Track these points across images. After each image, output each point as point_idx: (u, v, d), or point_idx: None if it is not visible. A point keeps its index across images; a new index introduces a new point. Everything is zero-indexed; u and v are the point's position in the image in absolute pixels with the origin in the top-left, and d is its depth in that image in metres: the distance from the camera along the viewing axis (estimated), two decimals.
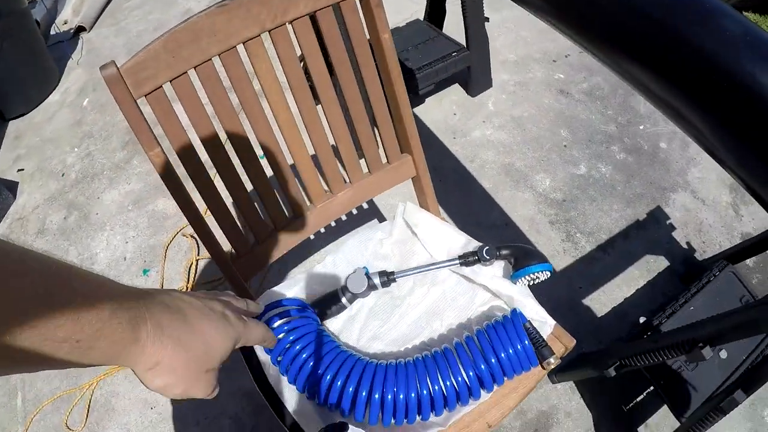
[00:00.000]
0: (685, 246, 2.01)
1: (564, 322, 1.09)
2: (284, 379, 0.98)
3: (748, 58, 0.70)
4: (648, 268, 1.94)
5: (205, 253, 2.01)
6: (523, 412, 1.62)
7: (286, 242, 1.10)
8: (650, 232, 2.05)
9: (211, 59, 0.84)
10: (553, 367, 0.99)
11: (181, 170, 0.88)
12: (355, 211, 1.98)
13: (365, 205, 2.03)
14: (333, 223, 1.89)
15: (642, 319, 1.64)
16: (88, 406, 1.74)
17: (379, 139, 1.14)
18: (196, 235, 2.01)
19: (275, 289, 1.10)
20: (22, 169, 2.63)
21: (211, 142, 0.90)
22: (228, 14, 0.82)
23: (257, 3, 0.84)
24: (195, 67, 0.83)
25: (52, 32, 3.40)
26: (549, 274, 1.05)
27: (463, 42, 2.33)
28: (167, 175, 0.86)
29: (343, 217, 1.94)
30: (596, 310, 1.82)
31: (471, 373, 0.90)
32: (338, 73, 1.01)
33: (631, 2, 0.78)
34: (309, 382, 0.92)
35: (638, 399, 1.65)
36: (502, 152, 2.32)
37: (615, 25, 0.82)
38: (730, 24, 0.70)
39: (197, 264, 1.98)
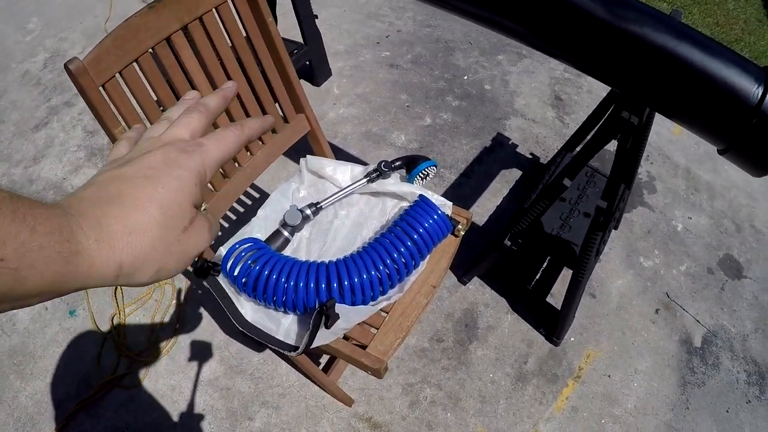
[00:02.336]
0: (530, 156, 2.41)
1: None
2: (252, 305, 1.19)
3: None
4: (506, 179, 2.31)
5: None
6: (451, 315, 1.91)
7: (226, 200, 1.31)
8: (498, 153, 2.43)
9: (147, 51, 1.04)
10: (463, 233, 1.29)
11: None
12: (266, 187, 2.20)
13: (271, 180, 2.24)
14: (249, 201, 2.09)
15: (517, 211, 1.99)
16: None
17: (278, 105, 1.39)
18: None
19: (226, 243, 1.29)
20: None
21: (156, 118, 1.10)
22: (156, 13, 1.03)
23: (175, 2, 1.05)
24: (137, 59, 1.03)
25: None
26: (435, 168, 1.35)
27: (300, 40, 2.59)
28: None
29: (254, 200, 2.14)
30: (477, 222, 2.17)
31: (409, 244, 1.15)
32: (241, 56, 1.25)
33: None
34: (286, 293, 1.12)
35: (537, 277, 2.00)
36: (358, 124, 2.62)
37: None
38: None
39: (122, 289, 2.07)
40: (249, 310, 1.19)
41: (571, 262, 1.73)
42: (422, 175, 1.34)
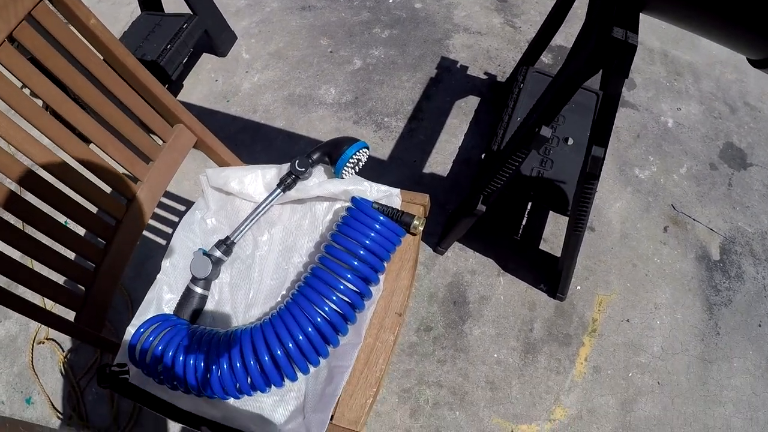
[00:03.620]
0: (485, 76, 2.08)
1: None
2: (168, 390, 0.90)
3: None
4: (463, 111, 1.99)
5: (69, 347, 1.79)
6: (434, 295, 1.63)
7: (115, 272, 0.98)
8: (447, 82, 2.10)
9: None
10: (421, 228, 0.98)
11: None
12: (167, 214, 1.85)
13: (171, 202, 1.90)
14: (152, 232, 1.78)
15: (483, 155, 1.67)
16: None
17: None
18: (51, 337, 1.81)
19: (134, 321, 0.98)
20: None
21: None
22: None
23: None
24: None
25: None
26: (366, 150, 1.02)
27: (189, 11, 2.20)
28: None
29: (159, 225, 1.82)
30: (441, 172, 1.85)
31: (350, 276, 0.85)
32: (71, 85, 0.90)
33: None
34: (199, 376, 0.84)
35: (523, 224, 1.71)
36: (278, 88, 2.24)
37: None
38: None
39: (66, 359, 1.77)
40: (187, 398, 0.91)
41: (560, 205, 1.44)
42: (352, 163, 1.01)
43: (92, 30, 0.90)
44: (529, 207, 1.73)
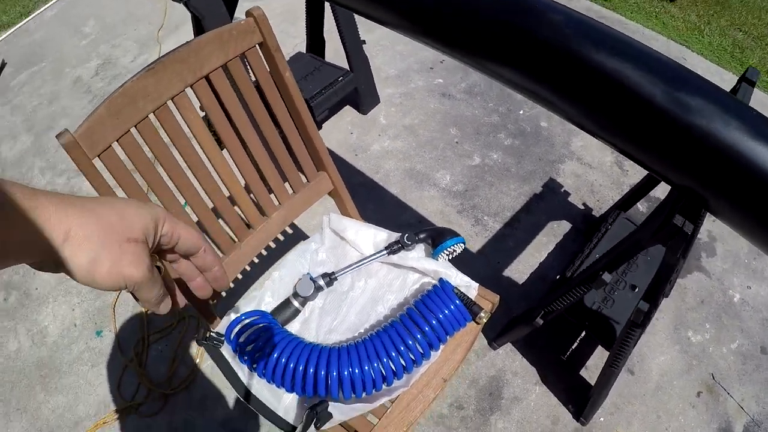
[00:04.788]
0: (582, 207, 2.26)
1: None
2: (257, 378, 1.12)
3: (579, 42, 0.90)
4: (554, 232, 2.17)
5: None
6: (476, 381, 1.79)
7: (237, 265, 1.24)
8: (548, 202, 2.29)
9: (147, 116, 0.97)
10: (485, 321, 1.17)
11: None
12: (284, 238, 2.12)
13: (293, 230, 2.17)
14: (273, 245, 2.03)
15: (558, 276, 1.85)
16: None
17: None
18: None
19: (236, 306, 1.23)
20: None
21: (159, 188, 1.04)
22: (155, 76, 0.96)
23: (178, 62, 0.98)
24: (135, 125, 0.96)
25: None
26: (463, 245, 1.24)
27: (347, 66, 2.51)
28: None
29: (278, 242, 2.08)
30: (517, 279, 2.03)
31: (419, 336, 1.06)
32: (254, 113, 1.17)
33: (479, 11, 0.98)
34: (284, 375, 1.05)
35: (573, 347, 1.86)
36: (402, 159, 2.52)
37: (471, 34, 1.01)
38: (554, 15, 0.91)
39: (147, 315, 2.06)
40: (254, 381, 1.13)
41: (609, 341, 1.60)
42: (448, 252, 1.24)
43: (285, 80, 1.18)
44: (582, 335, 1.88)
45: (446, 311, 1.09)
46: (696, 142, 0.80)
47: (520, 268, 2.07)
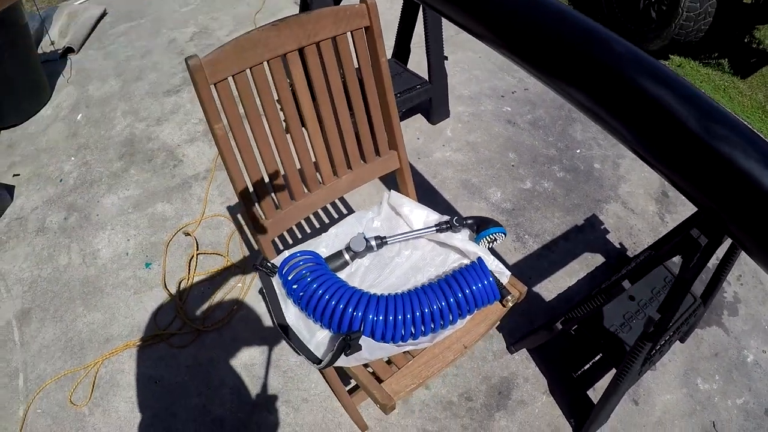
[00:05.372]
0: (618, 246, 2.37)
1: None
2: (296, 311, 1.26)
3: (637, 74, 1.04)
4: (587, 263, 2.28)
5: (204, 249, 2.28)
6: (488, 378, 1.91)
7: (302, 212, 1.40)
8: (587, 235, 2.40)
9: (262, 63, 1.14)
10: (511, 305, 1.31)
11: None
12: (343, 207, 2.30)
13: (350, 202, 2.34)
14: (332, 210, 2.19)
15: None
16: (93, 382, 1.91)
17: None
18: (195, 236, 2.27)
19: (292, 249, 1.38)
20: (18, 174, 2.76)
21: (257, 125, 1.21)
22: (277, 31, 1.14)
23: (298, 24, 1.16)
24: (251, 68, 1.13)
25: (39, 51, 3.53)
26: (504, 236, 1.38)
27: (426, 77, 2.69)
28: (225, 146, 1.16)
29: (339, 210, 2.25)
30: (545, 297, 2.15)
31: (451, 300, 1.19)
32: (348, 85, 1.34)
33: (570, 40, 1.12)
34: (324, 311, 1.19)
35: (585, 367, 1.96)
36: (460, 170, 2.67)
37: (548, 54, 1.15)
38: (617, 46, 1.05)
39: (197, 258, 2.23)
40: (292, 314, 1.26)
41: (616, 359, 1.70)
42: (489, 239, 1.38)
43: (380, 63, 1.36)
44: (596, 358, 1.98)
45: (479, 284, 1.22)
46: (719, 165, 0.93)
47: (549, 287, 2.19)
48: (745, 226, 0.95)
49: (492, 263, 1.33)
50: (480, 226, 1.39)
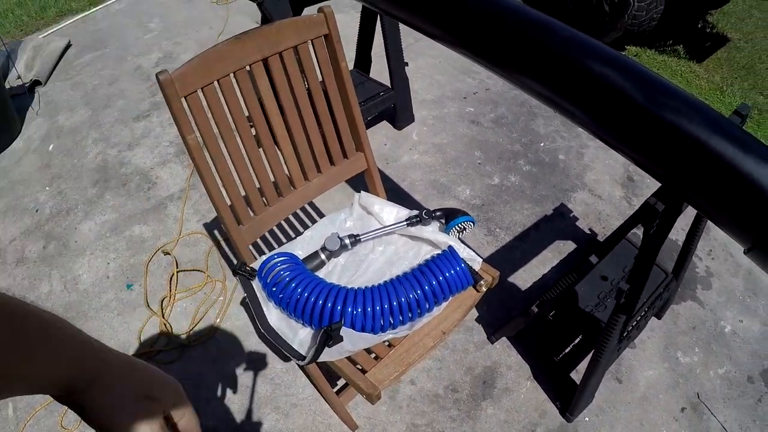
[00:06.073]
0: (588, 231, 2.44)
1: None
2: (278, 312, 1.31)
3: (582, 56, 1.10)
4: (559, 250, 2.36)
5: (184, 266, 2.30)
6: (471, 369, 1.96)
7: (275, 216, 1.45)
8: (557, 223, 2.48)
9: (229, 75, 1.20)
10: (485, 289, 1.36)
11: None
12: (316, 215, 2.36)
13: (323, 209, 2.38)
14: (305, 218, 2.23)
15: None
16: None
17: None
18: (173, 254, 2.29)
19: (270, 253, 1.43)
20: None
21: (228, 135, 1.26)
22: (241, 43, 1.20)
23: (260, 36, 1.23)
24: (218, 80, 1.18)
25: (7, 86, 3.51)
26: (473, 224, 1.44)
27: (388, 84, 2.76)
28: (198, 155, 1.21)
29: (313, 218, 2.29)
30: (521, 286, 2.21)
31: (426, 288, 1.25)
32: (312, 91, 1.40)
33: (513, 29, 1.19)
34: (304, 308, 1.24)
35: (566, 350, 2.01)
36: (428, 172, 2.74)
37: (507, 50, 1.22)
38: (561, 32, 1.12)
39: (177, 276, 2.26)
40: (274, 316, 1.31)
41: (594, 339, 1.76)
42: (459, 228, 1.43)
43: (341, 68, 1.42)
44: (576, 340, 2.03)
45: (452, 271, 1.28)
46: (666, 132, 0.99)
47: (524, 277, 2.25)
48: (698, 189, 1.01)
49: (463, 251, 1.38)
50: (449, 217, 1.45)
